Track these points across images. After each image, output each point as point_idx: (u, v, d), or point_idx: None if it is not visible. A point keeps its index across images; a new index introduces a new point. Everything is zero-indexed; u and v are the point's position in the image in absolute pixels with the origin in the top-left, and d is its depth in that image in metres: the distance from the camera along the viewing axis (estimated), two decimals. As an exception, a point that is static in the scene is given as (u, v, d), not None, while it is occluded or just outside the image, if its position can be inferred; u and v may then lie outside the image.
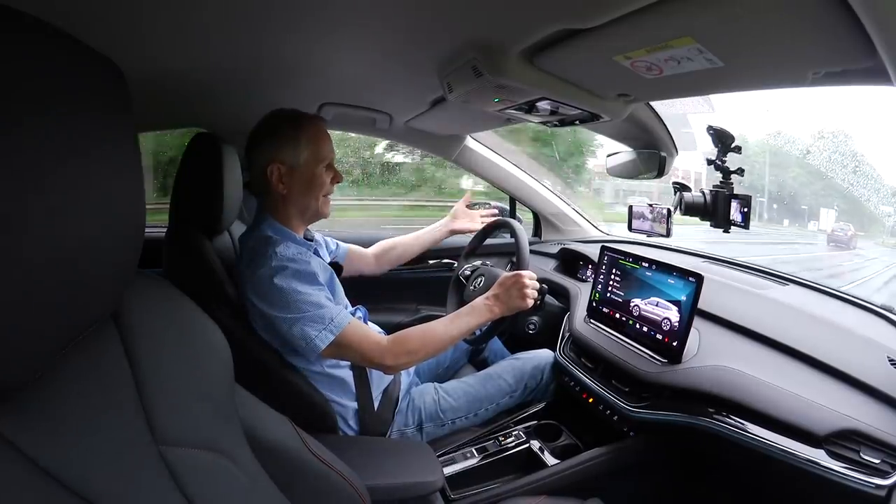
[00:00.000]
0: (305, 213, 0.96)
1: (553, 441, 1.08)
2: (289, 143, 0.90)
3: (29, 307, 0.27)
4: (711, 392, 0.83)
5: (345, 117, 1.24)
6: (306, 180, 0.92)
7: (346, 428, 0.96)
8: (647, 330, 0.99)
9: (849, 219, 3.54)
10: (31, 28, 0.27)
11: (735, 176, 1.00)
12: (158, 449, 0.36)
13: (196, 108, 1.18)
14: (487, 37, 0.67)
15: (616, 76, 0.71)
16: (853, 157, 2.01)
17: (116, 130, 0.33)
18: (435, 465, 0.87)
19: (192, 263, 0.89)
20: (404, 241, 1.37)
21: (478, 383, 1.12)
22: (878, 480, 0.65)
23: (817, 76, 0.58)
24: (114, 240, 0.33)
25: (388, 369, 0.93)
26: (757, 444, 0.76)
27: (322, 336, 0.84)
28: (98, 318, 0.35)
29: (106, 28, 0.63)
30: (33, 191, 0.26)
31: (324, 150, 0.93)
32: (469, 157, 1.59)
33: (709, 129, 1.00)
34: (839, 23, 0.43)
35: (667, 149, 1.19)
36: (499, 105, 0.89)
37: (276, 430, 0.55)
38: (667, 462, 1.04)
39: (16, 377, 0.29)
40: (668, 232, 1.14)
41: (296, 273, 0.85)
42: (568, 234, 1.79)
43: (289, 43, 0.76)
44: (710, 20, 0.49)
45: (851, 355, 0.79)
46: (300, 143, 0.91)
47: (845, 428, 0.69)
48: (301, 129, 0.91)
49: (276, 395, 0.67)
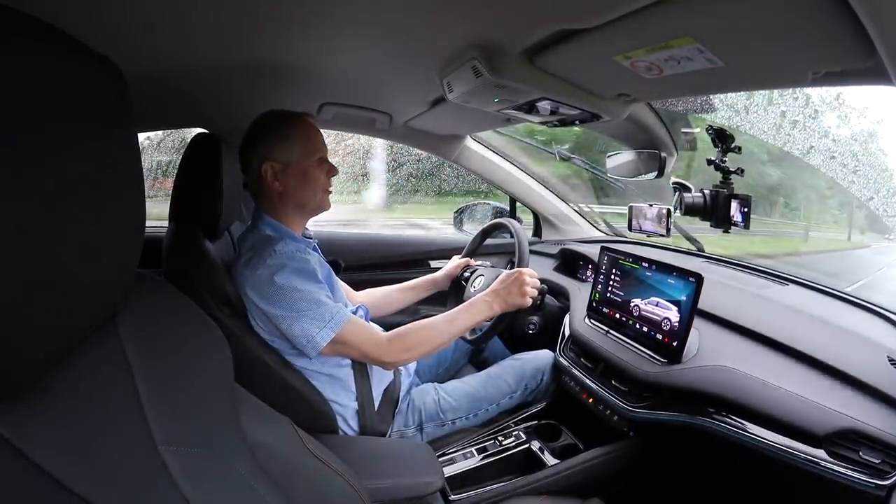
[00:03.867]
0: (304, 209, 0.96)
1: (553, 441, 1.08)
2: (280, 141, 0.91)
3: (28, 308, 0.27)
4: (711, 392, 0.83)
5: (345, 117, 1.24)
6: (300, 176, 0.93)
7: (346, 428, 0.96)
8: (647, 330, 0.99)
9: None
10: (31, 28, 0.27)
11: (735, 176, 1.00)
12: (157, 449, 0.36)
13: (196, 108, 1.18)
14: (487, 37, 0.67)
15: (616, 76, 0.71)
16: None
17: (116, 130, 0.32)
18: (435, 465, 0.87)
19: (192, 263, 0.89)
20: (388, 292, 1.30)
21: (478, 384, 1.12)
22: (877, 480, 0.65)
23: (817, 76, 0.58)
24: (113, 240, 0.33)
25: (387, 365, 0.94)
26: (757, 443, 0.76)
27: (323, 333, 0.84)
28: (98, 318, 0.35)
29: (106, 28, 0.63)
30: (33, 191, 0.26)
31: (315, 145, 0.94)
32: (469, 157, 1.59)
33: (708, 129, 1.00)
34: (839, 23, 0.43)
35: (667, 149, 1.19)
36: (499, 105, 0.89)
37: (276, 430, 0.55)
38: (667, 462, 1.04)
39: (15, 378, 0.29)
40: (668, 232, 1.14)
41: (295, 271, 0.85)
42: (568, 234, 1.78)
43: (289, 43, 0.76)
44: (710, 20, 0.49)
45: (851, 355, 0.79)
46: (291, 139, 0.92)
47: (845, 428, 0.69)
48: (290, 126, 0.92)
49: (276, 395, 0.67)
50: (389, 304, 1.29)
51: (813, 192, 3.27)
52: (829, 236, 3.62)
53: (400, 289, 1.31)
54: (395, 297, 1.30)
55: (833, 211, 3.55)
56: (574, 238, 1.75)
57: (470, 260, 1.37)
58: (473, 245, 1.41)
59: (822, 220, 3.65)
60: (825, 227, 3.64)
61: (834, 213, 3.56)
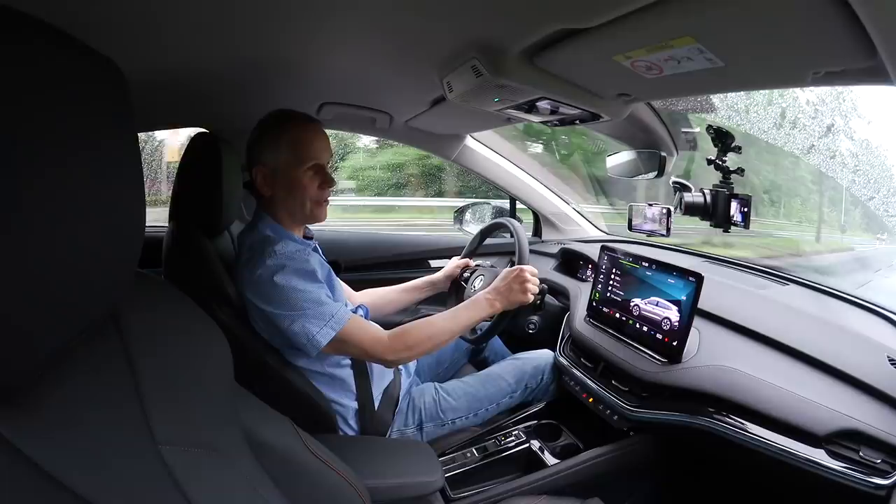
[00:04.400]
0: (294, 217, 0.94)
1: (553, 441, 1.08)
2: (269, 146, 0.89)
3: (28, 307, 0.27)
4: (711, 392, 0.83)
5: (345, 117, 1.24)
6: (286, 184, 0.89)
7: (346, 428, 0.96)
8: (647, 330, 0.99)
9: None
10: (31, 28, 0.27)
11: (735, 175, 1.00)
12: (158, 449, 0.36)
13: (196, 108, 1.18)
14: (487, 37, 0.67)
15: (616, 76, 0.71)
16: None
17: (117, 130, 0.32)
18: (435, 465, 0.87)
19: (192, 263, 0.89)
20: (387, 293, 1.30)
21: (478, 383, 1.12)
22: (878, 480, 0.65)
23: (817, 76, 0.58)
24: (114, 240, 0.33)
25: (389, 363, 0.94)
26: (757, 443, 0.76)
27: (324, 332, 0.84)
28: (98, 318, 0.35)
29: (106, 28, 0.62)
30: (33, 191, 0.26)
31: (308, 153, 0.89)
32: (469, 157, 1.59)
33: (708, 129, 1.00)
34: (839, 23, 0.43)
35: (667, 149, 1.19)
36: (499, 105, 0.89)
37: (277, 430, 0.55)
38: (667, 462, 1.04)
39: (15, 378, 0.29)
40: (668, 231, 1.14)
41: (295, 271, 0.85)
42: (568, 233, 1.78)
43: (289, 43, 0.76)
44: (710, 20, 0.49)
45: (851, 355, 0.79)
46: (280, 145, 0.88)
47: (845, 428, 0.69)
48: (283, 131, 0.88)
49: (277, 395, 0.67)
50: (388, 304, 1.29)
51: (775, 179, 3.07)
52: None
53: (399, 290, 1.31)
54: (394, 297, 1.29)
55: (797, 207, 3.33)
56: (574, 238, 1.75)
57: (469, 260, 1.37)
58: (473, 245, 1.41)
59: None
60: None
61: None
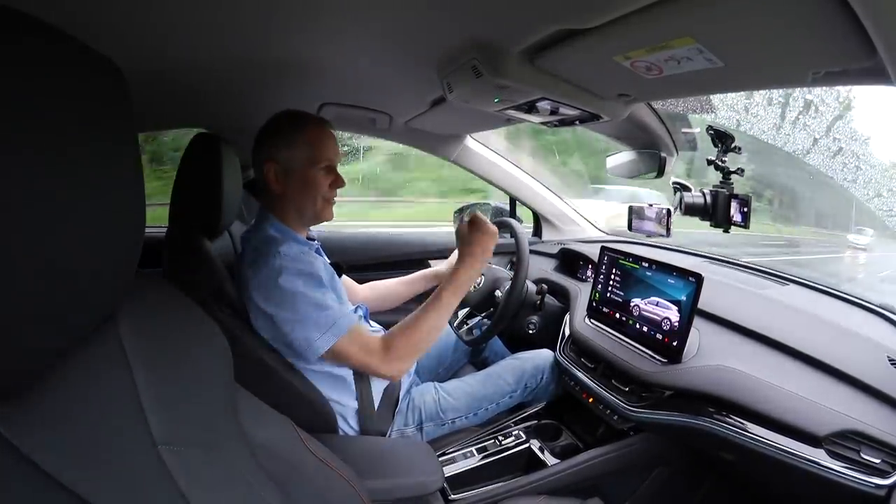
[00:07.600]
0: (303, 215, 0.95)
1: (553, 441, 1.08)
2: (286, 143, 0.90)
3: (28, 308, 0.27)
4: (711, 392, 0.83)
5: (345, 117, 1.24)
6: (301, 181, 0.91)
7: (346, 428, 0.96)
8: (647, 330, 0.99)
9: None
10: (31, 28, 0.27)
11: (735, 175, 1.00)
12: (157, 449, 0.36)
13: (196, 108, 1.18)
14: (487, 37, 0.67)
15: (616, 76, 0.70)
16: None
17: (116, 130, 0.33)
18: (435, 465, 0.87)
19: (192, 263, 0.89)
20: (392, 286, 1.32)
21: (478, 383, 1.12)
22: (878, 480, 0.65)
23: (817, 76, 0.58)
24: (113, 240, 0.33)
25: (388, 378, 0.94)
26: (757, 444, 0.76)
27: (323, 339, 0.84)
28: (97, 318, 0.35)
29: (106, 28, 0.63)
30: (32, 191, 0.26)
31: (322, 153, 0.92)
32: (469, 157, 1.59)
33: (708, 129, 1.00)
34: (839, 23, 0.43)
35: (667, 149, 1.19)
36: (499, 105, 0.89)
37: (276, 430, 0.55)
38: (667, 462, 1.04)
39: (16, 378, 0.29)
40: (668, 232, 1.14)
41: (300, 273, 0.85)
42: (568, 233, 1.78)
43: (289, 43, 0.76)
44: (710, 20, 0.49)
45: (851, 355, 0.79)
46: (297, 143, 0.90)
47: (845, 428, 0.69)
48: (300, 130, 0.91)
49: (277, 395, 0.67)
50: (393, 296, 1.30)
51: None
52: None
53: (403, 282, 1.32)
54: (398, 290, 1.30)
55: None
56: (574, 238, 1.75)
57: None
58: None
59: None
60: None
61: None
